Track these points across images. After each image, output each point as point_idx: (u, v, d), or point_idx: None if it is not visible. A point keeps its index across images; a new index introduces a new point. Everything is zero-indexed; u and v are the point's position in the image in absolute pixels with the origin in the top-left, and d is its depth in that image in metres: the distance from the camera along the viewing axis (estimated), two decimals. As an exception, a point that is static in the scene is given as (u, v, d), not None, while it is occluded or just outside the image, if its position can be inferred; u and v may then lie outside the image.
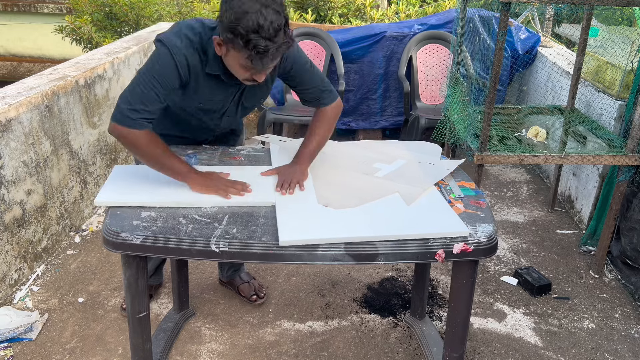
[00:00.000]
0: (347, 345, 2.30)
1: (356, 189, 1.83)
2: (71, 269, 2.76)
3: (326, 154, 2.06)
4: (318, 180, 1.90)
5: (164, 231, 1.59)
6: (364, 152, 2.13)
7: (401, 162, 2.05)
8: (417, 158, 2.09)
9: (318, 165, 1.99)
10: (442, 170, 1.99)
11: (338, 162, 2.05)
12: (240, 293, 2.55)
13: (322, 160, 2.02)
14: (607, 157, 2.57)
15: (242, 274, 2.59)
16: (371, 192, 1.80)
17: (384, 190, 1.82)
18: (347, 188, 1.84)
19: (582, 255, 3.01)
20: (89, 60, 3.37)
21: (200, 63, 1.77)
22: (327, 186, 1.86)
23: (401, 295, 2.64)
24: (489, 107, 2.52)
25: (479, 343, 2.35)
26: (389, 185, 1.85)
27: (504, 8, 2.32)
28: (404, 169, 1.99)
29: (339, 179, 1.91)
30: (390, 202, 1.75)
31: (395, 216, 1.67)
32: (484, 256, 1.64)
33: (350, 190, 1.82)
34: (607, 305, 2.61)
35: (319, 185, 1.86)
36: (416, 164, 2.03)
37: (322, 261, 1.58)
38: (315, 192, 1.81)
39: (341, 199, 1.76)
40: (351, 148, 2.18)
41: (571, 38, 4.89)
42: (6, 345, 2.23)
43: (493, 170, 4.06)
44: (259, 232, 1.60)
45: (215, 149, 2.15)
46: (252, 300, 2.51)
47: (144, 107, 1.72)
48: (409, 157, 2.09)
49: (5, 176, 2.45)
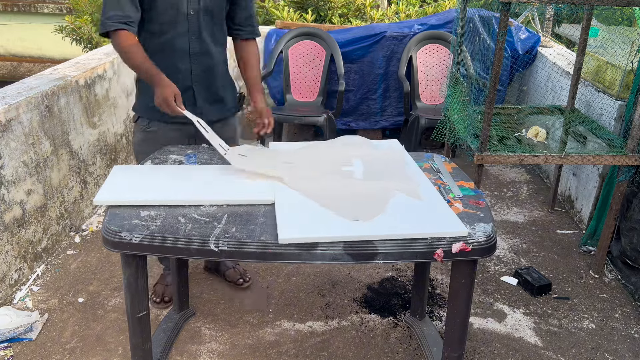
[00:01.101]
0: (347, 346, 2.30)
1: (361, 195, 1.77)
2: (71, 269, 2.76)
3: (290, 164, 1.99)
4: (317, 197, 1.75)
5: (163, 230, 1.59)
6: (317, 157, 2.06)
7: (358, 161, 2.02)
8: (368, 152, 2.10)
9: (299, 178, 1.86)
10: (399, 157, 2.07)
11: (307, 172, 1.93)
12: (227, 279, 2.60)
13: (294, 173, 1.90)
14: (607, 157, 2.57)
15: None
16: (378, 195, 1.77)
17: (385, 190, 1.80)
18: (356, 196, 1.76)
19: (582, 255, 3.01)
20: (89, 60, 3.38)
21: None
22: (334, 200, 1.74)
23: (401, 295, 2.64)
24: (489, 107, 2.52)
25: (479, 343, 2.34)
26: (384, 186, 1.83)
27: (504, 8, 2.32)
28: (370, 166, 1.99)
29: (332, 190, 1.80)
30: (369, 189, 1.78)
31: (394, 215, 1.67)
32: (483, 256, 1.64)
33: (360, 198, 1.75)
34: (607, 305, 2.61)
35: (328, 203, 1.72)
36: (376, 160, 2.04)
37: (321, 260, 1.57)
38: (339, 212, 1.67)
39: (366, 210, 1.68)
40: (295, 155, 2.06)
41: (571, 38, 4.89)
42: (6, 345, 2.23)
43: (493, 170, 4.06)
44: (258, 231, 1.60)
45: (214, 149, 2.14)
46: (238, 284, 2.57)
47: (115, 11, 1.98)
48: (361, 154, 2.09)
49: (5, 176, 2.45)
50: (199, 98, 2.22)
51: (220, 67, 2.27)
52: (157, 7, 2.06)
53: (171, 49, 2.13)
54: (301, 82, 4.31)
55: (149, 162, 2.02)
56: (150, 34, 2.13)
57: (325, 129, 3.96)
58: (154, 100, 1.98)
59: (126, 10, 2.00)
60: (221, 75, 2.29)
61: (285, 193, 1.78)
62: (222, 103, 2.30)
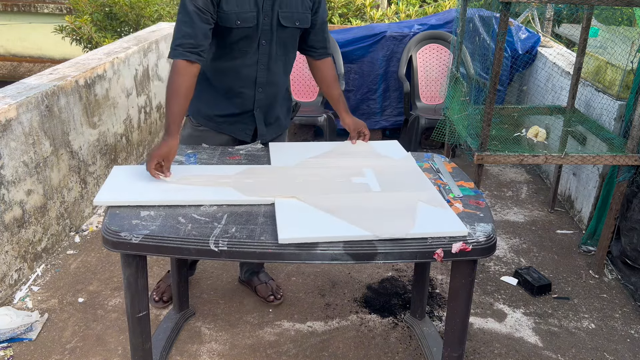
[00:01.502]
0: (347, 346, 2.30)
1: (384, 209, 1.71)
2: (71, 269, 2.76)
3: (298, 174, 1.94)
4: (340, 213, 1.68)
5: (163, 230, 1.59)
6: (326, 170, 1.98)
7: (369, 170, 1.97)
8: (377, 161, 2.08)
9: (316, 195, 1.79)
10: (411, 164, 2.05)
11: (321, 187, 1.86)
12: (257, 293, 2.56)
13: (306, 190, 1.83)
14: (607, 157, 2.57)
15: (261, 274, 2.59)
16: (403, 208, 1.71)
17: (407, 202, 1.75)
18: (380, 211, 1.70)
19: (582, 255, 3.01)
20: (89, 60, 3.37)
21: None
22: (360, 216, 1.67)
23: (401, 295, 2.64)
24: (489, 107, 2.52)
25: (479, 343, 2.34)
26: (405, 197, 1.78)
27: (504, 8, 2.32)
28: (384, 176, 1.93)
29: (353, 206, 1.73)
30: (391, 202, 1.75)
31: (394, 215, 1.67)
32: (483, 256, 1.64)
33: (385, 212, 1.69)
34: (607, 305, 2.61)
35: (354, 219, 1.64)
36: (387, 168, 2.00)
37: (321, 260, 1.57)
38: (369, 229, 1.59)
39: (396, 224, 1.63)
40: (302, 170, 1.99)
41: (571, 38, 4.89)
42: (6, 345, 2.23)
43: (493, 170, 4.06)
44: (258, 231, 1.60)
45: (215, 149, 2.15)
46: (269, 300, 2.51)
47: (187, 39, 1.88)
48: (371, 163, 2.05)
49: (5, 176, 2.45)
50: (258, 121, 2.18)
51: (283, 92, 2.23)
52: (231, 36, 1.97)
53: (237, 75, 2.07)
54: (301, 82, 4.31)
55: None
56: (218, 56, 2.05)
57: (325, 129, 3.96)
58: (154, 147, 1.90)
59: (199, 39, 1.89)
60: (282, 99, 2.25)
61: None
62: (278, 122, 2.27)
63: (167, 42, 4.37)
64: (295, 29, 2.06)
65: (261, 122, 2.19)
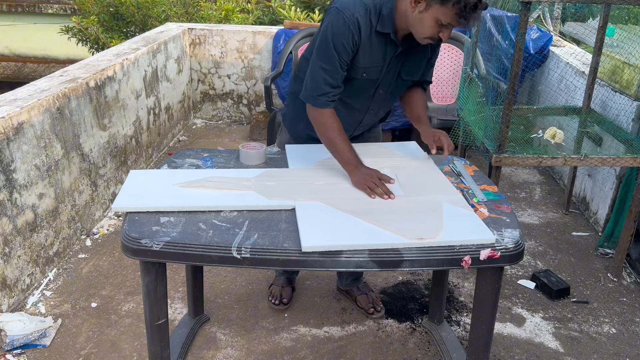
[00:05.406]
0: (365, 351, 2.27)
1: (413, 211, 1.69)
2: (83, 273, 2.73)
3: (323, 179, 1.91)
4: (368, 217, 1.65)
5: (184, 237, 1.56)
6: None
7: (390, 172, 1.92)
8: (397, 162, 2.04)
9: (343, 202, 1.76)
10: (431, 166, 2.01)
11: (344, 190, 1.82)
12: (358, 304, 2.52)
13: (336, 198, 1.78)
14: (628, 159, 2.53)
15: (361, 284, 2.55)
16: (431, 210, 1.69)
17: (435, 204, 1.72)
18: (408, 213, 1.68)
19: (599, 257, 2.97)
20: (99, 61, 3.34)
21: (370, 23, 1.81)
22: (389, 219, 1.64)
23: (418, 299, 2.60)
24: (507, 109, 2.48)
25: (499, 348, 2.31)
26: (431, 199, 1.76)
27: (523, 8, 2.28)
28: (406, 179, 1.90)
29: (381, 209, 1.70)
30: (416, 206, 1.72)
31: (421, 220, 1.63)
32: (511, 263, 1.60)
33: (414, 215, 1.67)
34: (627, 309, 2.57)
35: (384, 223, 1.62)
36: (407, 170, 1.97)
37: (346, 267, 1.54)
38: (400, 231, 1.58)
39: (427, 227, 1.61)
40: (322, 172, 1.95)
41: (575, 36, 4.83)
42: (20, 352, 2.20)
43: (505, 171, 4.02)
44: (281, 238, 1.56)
45: (232, 152, 2.12)
46: (369, 312, 2.46)
47: (332, 89, 1.86)
48: (392, 164, 2.01)
49: (17, 180, 2.42)
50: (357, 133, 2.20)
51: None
52: (353, 83, 1.95)
53: (346, 115, 2.04)
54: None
55: (165, 166, 1.99)
56: None
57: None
58: (352, 181, 1.85)
59: (340, 89, 1.89)
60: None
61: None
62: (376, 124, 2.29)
63: (175, 43, 4.33)
64: (411, 80, 2.06)
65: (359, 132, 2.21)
